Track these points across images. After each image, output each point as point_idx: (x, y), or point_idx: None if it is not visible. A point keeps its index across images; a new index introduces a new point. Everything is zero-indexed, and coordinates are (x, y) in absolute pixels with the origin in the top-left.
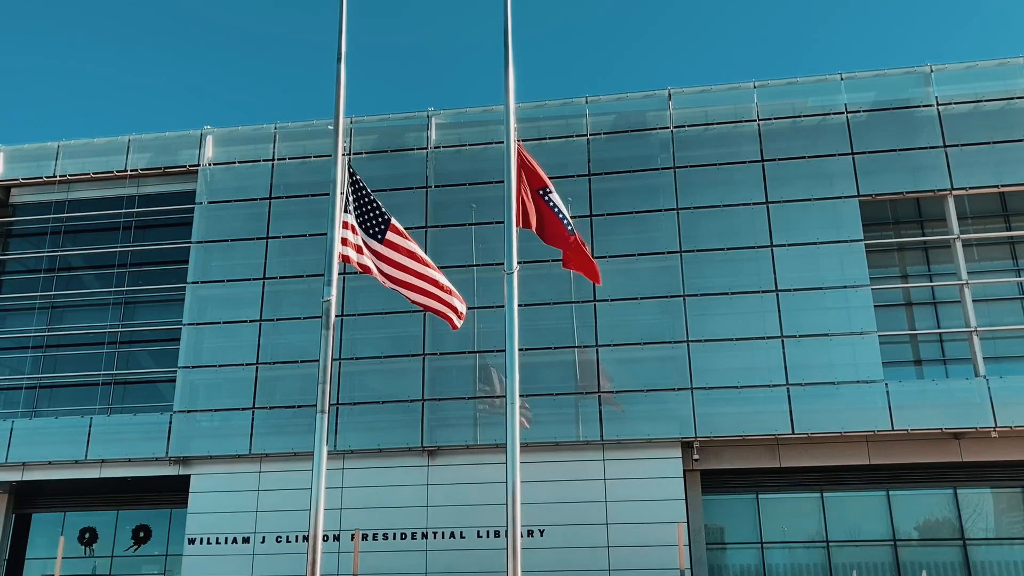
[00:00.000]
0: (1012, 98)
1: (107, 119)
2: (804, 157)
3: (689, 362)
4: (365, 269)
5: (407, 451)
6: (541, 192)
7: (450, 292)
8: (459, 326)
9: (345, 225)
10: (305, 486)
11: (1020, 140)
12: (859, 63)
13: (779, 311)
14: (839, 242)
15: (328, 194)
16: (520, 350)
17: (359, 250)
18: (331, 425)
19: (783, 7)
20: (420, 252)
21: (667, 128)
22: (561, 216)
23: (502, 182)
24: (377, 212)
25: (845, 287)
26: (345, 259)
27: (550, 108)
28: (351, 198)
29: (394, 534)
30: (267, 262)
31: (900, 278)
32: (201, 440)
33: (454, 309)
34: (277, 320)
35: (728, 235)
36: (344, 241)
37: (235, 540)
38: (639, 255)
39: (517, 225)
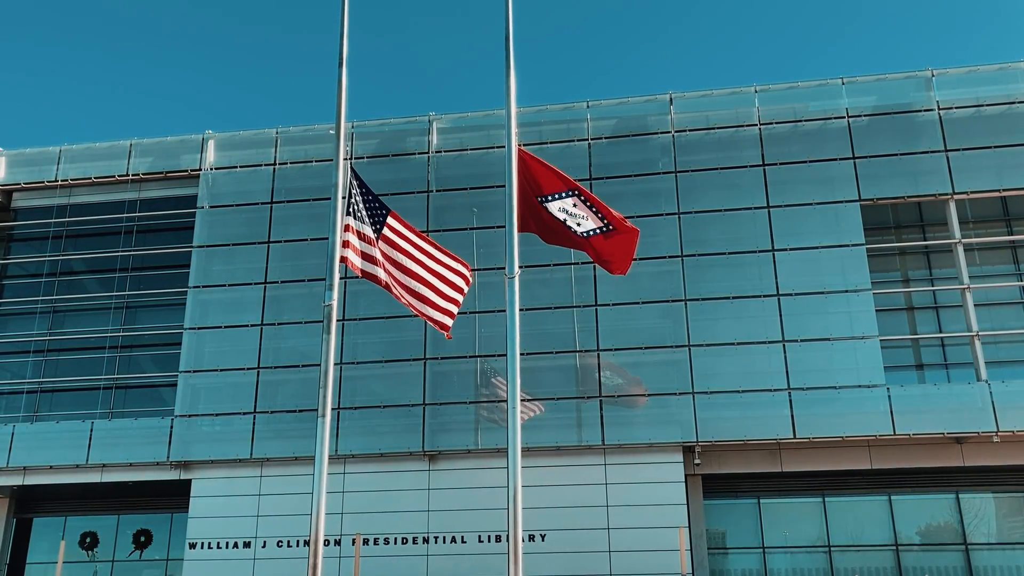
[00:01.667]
0: (1013, 102)
1: (109, 123)
2: (805, 161)
3: (691, 366)
4: (365, 275)
5: (408, 455)
6: (541, 200)
7: (457, 273)
8: (450, 331)
9: (347, 228)
10: (306, 490)
11: (1021, 144)
12: (860, 67)
13: (780, 315)
14: (840, 246)
15: (329, 198)
16: (521, 354)
17: (362, 255)
18: (332, 429)
19: (784, 11)
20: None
21: (668, 132)
22: (562, 219)
23: (503, 186)
24: (377, 213)
25: (847, 291)
26: (343, 260)
27: (551, 112)
28: (359, 201)
29: (395, 539)
30: (268, 266)
31: (901, 282)
32: (202, 444)
33: (448, 312)
34: (278, 324)
35: (730, 239)
36: (345, 244)
37: (236, 544)
38: (640, 259)
39: (518, 229)
